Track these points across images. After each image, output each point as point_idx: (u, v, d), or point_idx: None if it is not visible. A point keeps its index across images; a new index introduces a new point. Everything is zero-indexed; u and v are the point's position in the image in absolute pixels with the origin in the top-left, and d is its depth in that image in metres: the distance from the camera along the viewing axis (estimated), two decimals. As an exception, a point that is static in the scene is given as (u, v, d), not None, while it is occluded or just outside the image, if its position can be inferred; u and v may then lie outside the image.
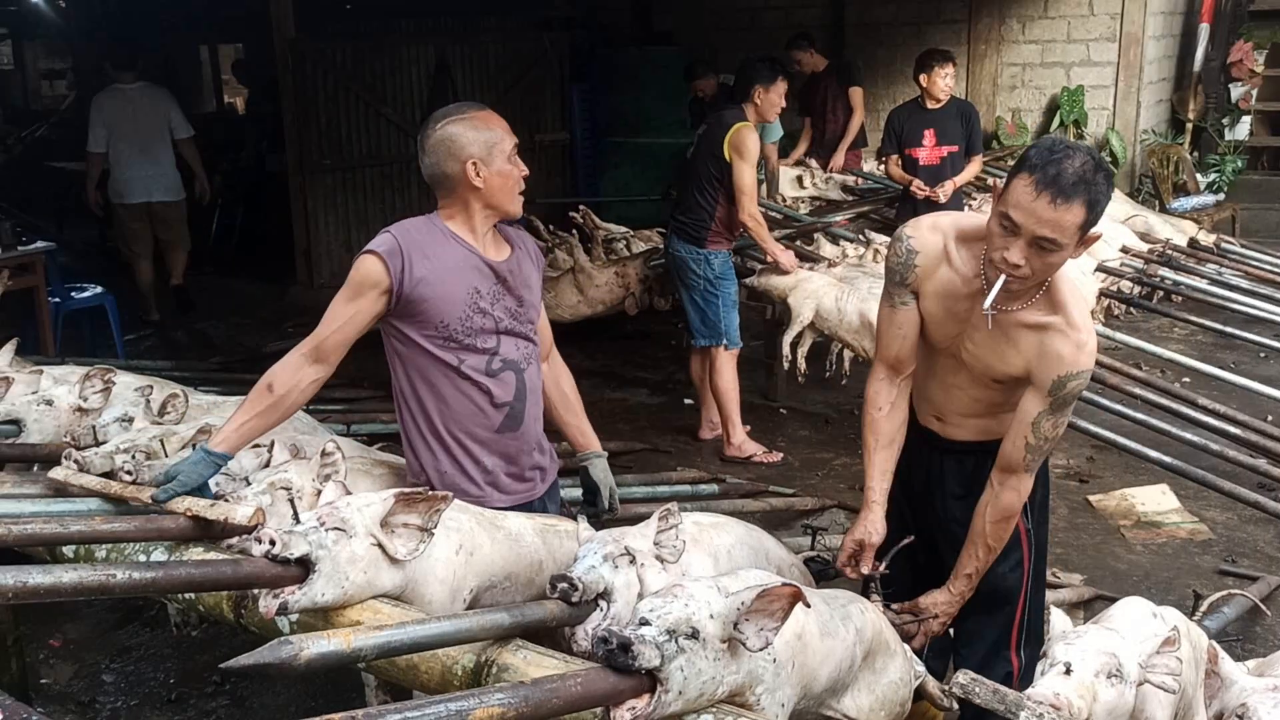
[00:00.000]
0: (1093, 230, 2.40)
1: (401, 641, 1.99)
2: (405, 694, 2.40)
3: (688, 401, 6.53)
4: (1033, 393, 2.57)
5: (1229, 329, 6.60)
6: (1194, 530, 4.84)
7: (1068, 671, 2.15)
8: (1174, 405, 5.25)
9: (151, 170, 8.03)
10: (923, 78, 6.66)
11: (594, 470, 3.16)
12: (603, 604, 2.22)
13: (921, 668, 2.68)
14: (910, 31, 10.57)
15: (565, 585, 2.19)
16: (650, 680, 1.75)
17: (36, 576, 1.94)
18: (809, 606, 2.04)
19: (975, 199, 7.74)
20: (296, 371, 2.73)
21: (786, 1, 11.21)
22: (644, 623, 1.80)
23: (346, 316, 2.76)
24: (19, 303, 6.46)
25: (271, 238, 10.47)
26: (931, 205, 6.79)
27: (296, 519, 2.26)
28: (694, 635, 1.79)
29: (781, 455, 5.81)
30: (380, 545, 2.21)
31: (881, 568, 2.77)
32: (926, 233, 2.66)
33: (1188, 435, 5.11)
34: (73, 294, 7.28)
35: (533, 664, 2.14)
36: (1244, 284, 7.14)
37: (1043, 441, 2.60)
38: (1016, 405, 2.63)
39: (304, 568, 2.13)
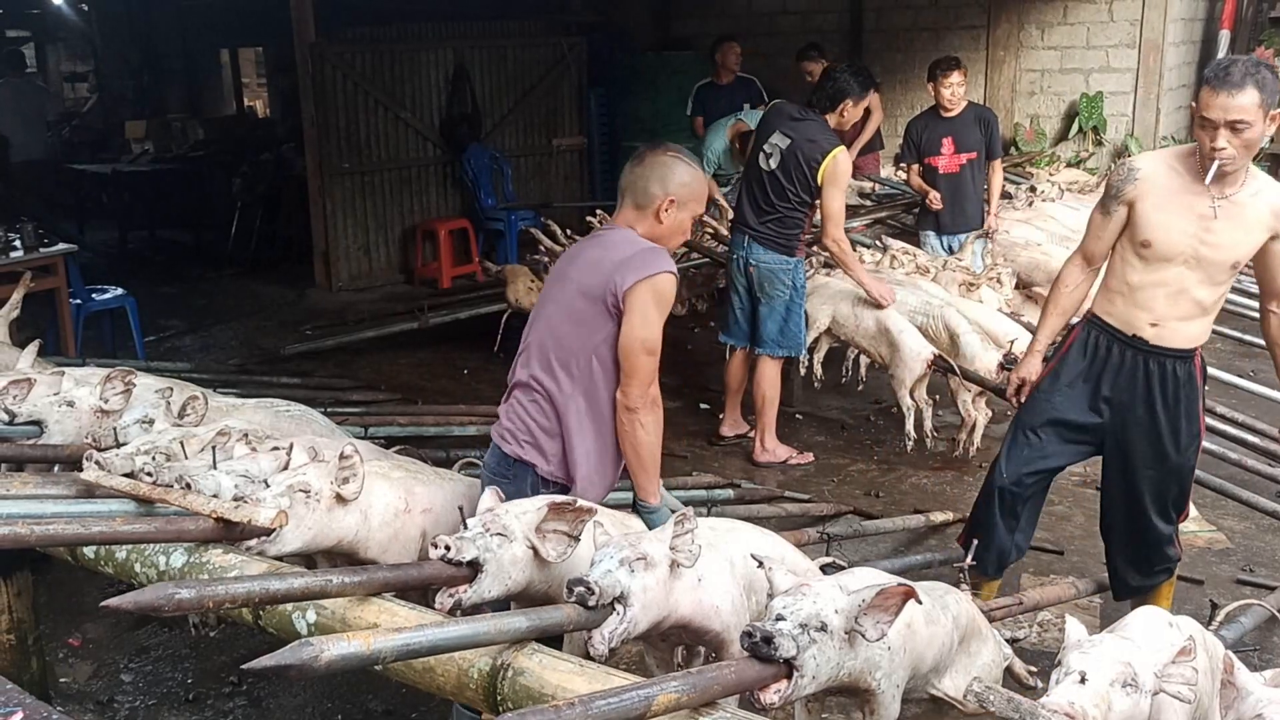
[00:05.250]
0: (1275, 110, 3.13)
1: (420, 644, 2.01)
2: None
3: (704, 406, 6.53)
4: (1275, 241, 3.31)
5: (1248, 336, 6.57)
6: (1211, 539, 4.82)
7: (1083, 680, 2.15)
8: (1192, 413, 5.22)
9: (31, 138, 10.90)
10: (931, 86, 6.71)
11: None
12: (619, 608, 2.24)
13: (1009, 649, 2.87)
14: (929, 37, 10.56)
15: (582, 589, 2.21)
16: (787, 667, 2.02)
17: (274, 584, 2.18)
18: (920, 603, 2.26)
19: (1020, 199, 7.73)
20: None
21: (805, 7, 11.21)
22: (779, 618, 2.05)
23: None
24: (40, 304, 6.51)
25: (291, 240, 10.54)
26: (950, 213, 6.79)
27: (465, 525, 2.48)
28: (823, 628, 2.06)
29: (812, 455, 5.82)
30: (534, 548, 2.47)
31: (969, 560, 3.08)
32: (1148, 159, 3.47)
33: (1205, 443, 5.07)
34: (93, 295, 7.33)
35: (548, 667, 2.16)
36: (1263, 292, 7.09)
37: None
38: (1221, 302, 3.45)
39: (473, 569, 2.39)
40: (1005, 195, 7.59)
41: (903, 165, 7.08)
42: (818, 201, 5.42)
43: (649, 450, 3.00)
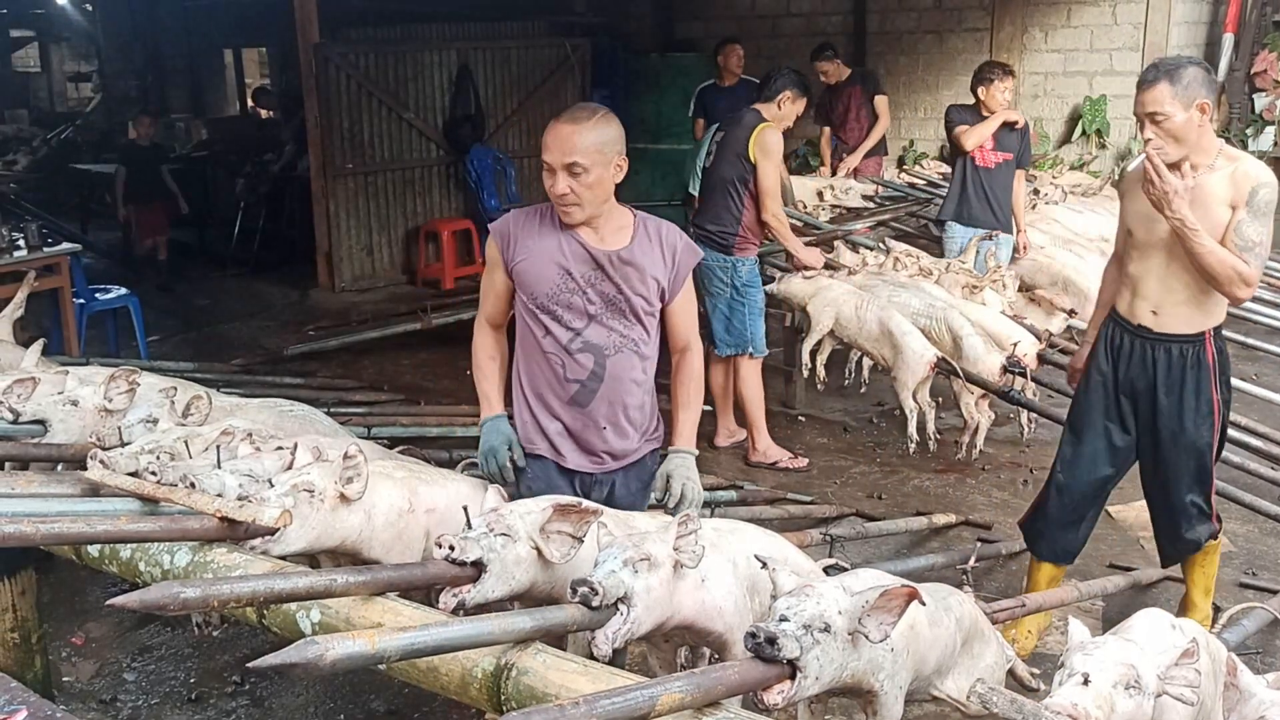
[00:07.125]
0: (1200, 100, 3.37)
1: (425, 644, 2.02)
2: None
3: (706, 408, 6.52)
4: (1236, 212, 3.43)
5: (1250, 340, 6.56)
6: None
7: (1086, 682, 2.15)
8: (1195, 417, 5.21)
9: None
10: (981, 90, 6.54)
11: (666, 464, 3.20)
12: (622, 608, 2.24)
13: (1011, 652, 2.87)
14: (932, 40, 10.57)
15: (586, 590, 2.21)
16: (790, 668, 2.02)
17: (278, 583, 2.20)
18: (925, 604, 2.26)
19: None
20: (487, 338, 3.24)
21: (809, 9, 11.22)
22: (783, 619, 2.05)
23: (489, 288, 3.20)
24: (44, 304, 6.53)
25: (294, 240, 10.55)
26: (977, 205, 6.72)
27: (469, 525, 2.49)
28: (826, 629, 2.06)
29: (807, 460, 5.81)
30: (538, 549, 2.48)
31: (972, 562, 3.17)
32: (1138, 159, 3.67)
33: (1208, 447, 5.07)
34: (97, 295, 7.35)
35: (552, 667, 2.16)
36: (1266, 295, 7.10)
37: (1248, 243, 3.42)
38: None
39: (477, 569, 2.40)
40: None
41: (962, 127, 6.73)
42: (751, 184, 5.49)
43: None
